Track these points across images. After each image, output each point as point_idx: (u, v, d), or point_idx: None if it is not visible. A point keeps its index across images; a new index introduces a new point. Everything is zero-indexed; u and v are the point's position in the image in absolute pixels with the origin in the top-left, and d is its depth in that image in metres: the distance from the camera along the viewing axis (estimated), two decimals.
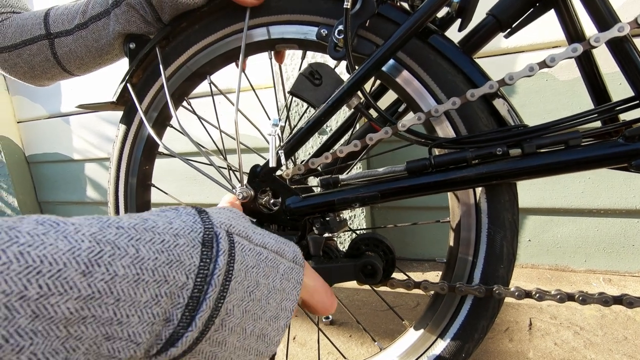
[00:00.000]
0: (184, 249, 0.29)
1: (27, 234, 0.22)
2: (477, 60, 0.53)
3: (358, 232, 1.40)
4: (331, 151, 0.57)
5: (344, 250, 0.58)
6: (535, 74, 0.47)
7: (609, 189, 1.17)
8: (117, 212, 0.75)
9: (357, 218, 1.41)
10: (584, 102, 0.55)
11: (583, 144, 0.47)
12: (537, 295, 0.51)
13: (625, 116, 0.50)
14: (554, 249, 1.29)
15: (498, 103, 0.53)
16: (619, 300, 0.47)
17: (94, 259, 0.24)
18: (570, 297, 0.49)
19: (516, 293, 0.52)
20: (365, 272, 0.53)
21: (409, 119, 0.53)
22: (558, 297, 0.50)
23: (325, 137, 0.78)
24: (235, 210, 0.38)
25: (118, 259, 0.25)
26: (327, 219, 0.57)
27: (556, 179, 1.23)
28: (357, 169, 1.30)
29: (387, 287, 0.59)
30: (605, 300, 0.48)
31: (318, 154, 0.76)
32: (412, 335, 0.63)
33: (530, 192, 1.26)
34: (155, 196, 0.82)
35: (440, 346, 0.59)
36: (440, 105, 0.51)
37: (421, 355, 0.61)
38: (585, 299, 0.49)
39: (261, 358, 0.35)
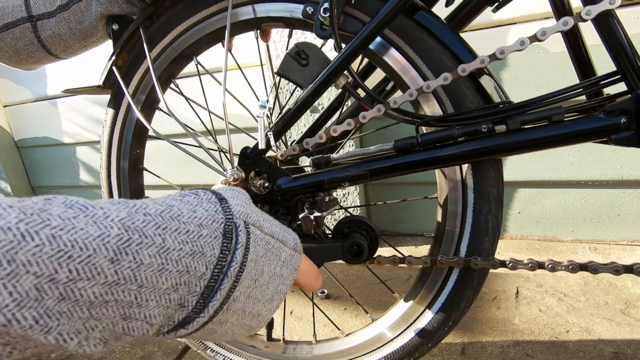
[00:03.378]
0: (207, 240, 0.30)
1: (59, 217, 0.22)
2: (469, 33, 0.53)
3: (350, 209, 1.42)
4: (324, 130, 0.57)
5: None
6: (526, 47, 0.47)
7: (597, 161, 1.19)
8: (110, 197, 0.75)
9: (351, 195, 1.43)
10: (576, 75, 0.56)
11: (566, 119, 0.48)
12: (511, 264, 0.54)
13: (609, 90, 0.51)
14: (543, 220, 1.33)
15: (485, 80, 0.53)
16: (584, 267, 0.50)
17: (123, 247, 0.24)
18: (540, 266, 0.53)
19: (492, 263, 0.55)
20: (352, 251, 0.56)
21: (401, 96, 0.53)
22: (529, 265, 0.53)
23: (317, 115, 0.79)
24: (246, 195, 0.39)
25: (145, 248, 0.25)
26: (317, 198, 0.58)
27: (546, 152, 1.24)
28: (349, 148, 1.31)
29: (374, 264, 0.61)
30: (573, 268, 0.50)
31: (311, 133, 0.76)
32: (402, 307, 0.66)
33: (521, 165, 1.28)
34: (149, 179, 0.82)
35: (429, 315, 0.62)
36: (432, 81, 0.51)
37: (410, 324, 0.64)
38: (554, 266, 0.51)
39: (251, 332, 0.38)
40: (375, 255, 0.60)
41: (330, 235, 0.60)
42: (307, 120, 1.36)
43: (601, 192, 1.23)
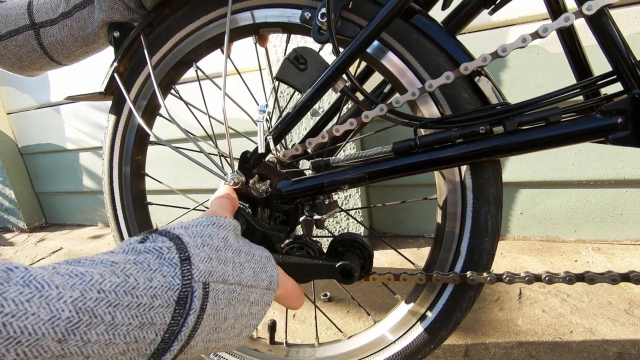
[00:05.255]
0: (158, 310, 0.31)
1: (12, 301, 0.23)
2: (468, 35, 0.53)
3: (350, 212, 1.42)
4: (326, 129, 0.58)
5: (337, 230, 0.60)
6: (528, 45, 0.47)
7: (598, 161, 1.19)
8: (113, 202, 0.76)
9: (352, 198, 1.43)
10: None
11: (564, 119, 0.48)
12: (507, 278, 0.54)
13: (606, 90, 0.51)
14: (545, 221, 1.32)
15: (482, 82, 0.53)
16: (581, 277, 0.50)
17: (71, 329, 0.25)
18: (537, 278, 0.53)
19: (488, 278, 0.55)
20: (344, 273, 0.55)
21: (403, 97, 0.53)
22: (526, 279, 0.53)
23: (317, 118, 0.79)
24: (223, 227, 0.39)
25: (94, 328, 0.27)
26: (317, 201, 0.58)
27: (547, 153, 1.24)
28: (350, 150, 1.31)
29: (368, 281, 0.61)
30: (570, 279, 0.50)
31: (313, 134, 0.76)
32: (404, 308, 0.66)
33: (522, 165, 1.28)
34: (151, 184, 0.83)
35: (431, 316, 0.62)
36: (435, 80, 0.51)
37: (412, 326, 0.64)
38: (551, 279, 0.51)
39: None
40: (370, 273, 0.60)
41: (325, 252, 0.60)
42: (307, 123, 1.37)
43: (603, 191, 1.22)
